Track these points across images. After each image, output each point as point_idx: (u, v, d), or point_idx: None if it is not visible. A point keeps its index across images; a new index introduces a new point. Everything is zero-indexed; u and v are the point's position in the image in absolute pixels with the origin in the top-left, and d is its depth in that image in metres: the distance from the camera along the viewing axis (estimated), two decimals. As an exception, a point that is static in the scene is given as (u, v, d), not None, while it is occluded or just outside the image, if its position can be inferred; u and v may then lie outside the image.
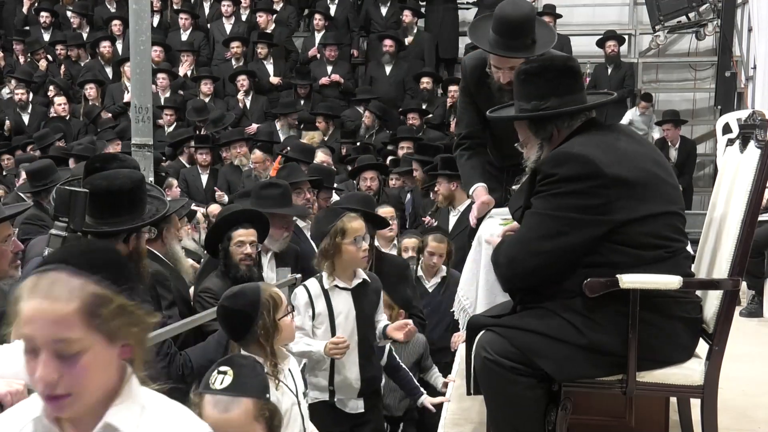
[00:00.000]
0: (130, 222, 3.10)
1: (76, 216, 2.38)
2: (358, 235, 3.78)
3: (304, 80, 10.80)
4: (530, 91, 2.81)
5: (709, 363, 2.74)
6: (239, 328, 3.06)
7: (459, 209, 5.83)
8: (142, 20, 6.11)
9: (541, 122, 2.81)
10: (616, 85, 10.49)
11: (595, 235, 2.62)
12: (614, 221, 2.61)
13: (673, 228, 2.73)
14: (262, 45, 11.07)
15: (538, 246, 2.65)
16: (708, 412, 2.74)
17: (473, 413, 3.51)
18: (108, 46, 11.55)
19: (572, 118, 2.79)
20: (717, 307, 2.76)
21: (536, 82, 2.80)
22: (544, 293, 2.72)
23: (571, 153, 2.67)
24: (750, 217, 2.71)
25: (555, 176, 2.63)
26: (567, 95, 2.77)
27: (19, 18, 12.94)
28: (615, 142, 2.74)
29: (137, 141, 6.12)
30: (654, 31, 10.72)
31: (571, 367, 2.66)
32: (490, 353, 2.69)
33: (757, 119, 2.79)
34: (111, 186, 3.07)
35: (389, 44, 10.82)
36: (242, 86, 10.66)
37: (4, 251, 2.69)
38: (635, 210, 2.62)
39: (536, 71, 2.82)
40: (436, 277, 5.30)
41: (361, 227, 3.80)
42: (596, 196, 2.60)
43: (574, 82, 2.81)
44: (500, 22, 3.51)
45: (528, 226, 2.72)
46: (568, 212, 2.61)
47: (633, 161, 2.69)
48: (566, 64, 2.86)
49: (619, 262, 2.62)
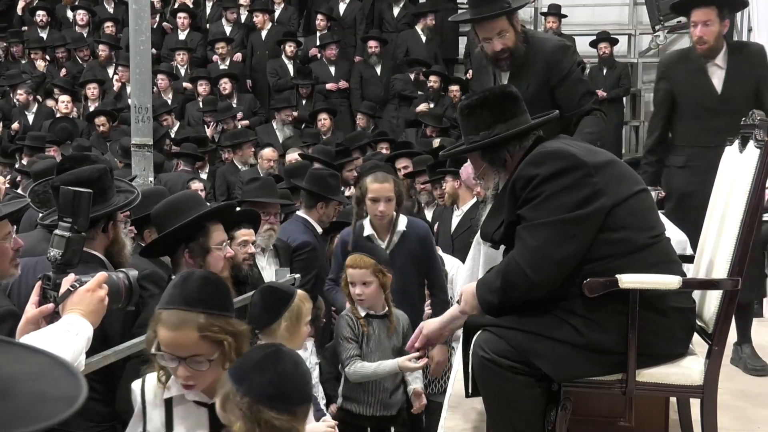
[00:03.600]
0: (102, 210, 3.10)
1: (80, 216, 2.39)
2: None
3: (305, 80, 10.80)
4: (476, 124, 2.87)
5: (709, 363, 2.74)
6: (270, 312, 3.12)
7: (463, 209, 5.81)
8: (142, 20, 6.11)
9: (494, 150, 2.85)
10: (612, 85, 10.52)
11: (598, 225, 2.64)
12: (606, 207, 2.64)
13: (651, 209, 2.80)
14: (290, 43, 11.09)
15: (554, 256, 2.62)
16: (708, 412, 2.74)
17: (473, 413, 3.51)
18: (105, 50, 11.56)
19: (521, 139, 2.84)
20: (717, 307, 2.77)
21: (480, 114, 2.86)
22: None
23: (546, 151, 2.70)
24: (749, 217, 2.72)
25: (537, 177, 2.64)
26: (512, 119, 2.83)
27: (15, 18, 12.95)
28: (571, 141, 2.85)
29: (137, 141, 6.12)
30: (654, 31, 10.72)
31: (569, 366, 2.66)
32: (488, 352, 2.69)
33: (756, 119, 2.79)
34: (78, 178, 3.06)
35: (373, 45, 10.83)
36: (225, 89, 10.65)
37: (5, 249, 2.69)
38: (618, 192, 2.67)
39: (478, 103, 2.88)
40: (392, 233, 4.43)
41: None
42: (585, 186, 2.62)
43: (516, 106, 2.86)
44: None
45: (536, 239, 2.64)
46: (567, 212, 2.61)
47: (595, 150, 2.81)
48: (504, 91, 2.92)
49: (610, 254, 2.64)
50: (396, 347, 4.08)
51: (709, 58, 4.48)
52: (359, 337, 4.05)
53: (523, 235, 2.68)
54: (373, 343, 4.06)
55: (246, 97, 10.94)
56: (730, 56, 4.48)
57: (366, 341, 4.05)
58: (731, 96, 4.42)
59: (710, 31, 4.40)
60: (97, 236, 3.10)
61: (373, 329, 4.07)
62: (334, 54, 11.02)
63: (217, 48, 11.27)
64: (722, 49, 4.48)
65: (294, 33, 11.46)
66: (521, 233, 2.69)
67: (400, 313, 4.17)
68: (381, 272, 4.03)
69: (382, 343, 4.07)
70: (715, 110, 4.44)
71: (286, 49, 11.10)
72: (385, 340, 4.08)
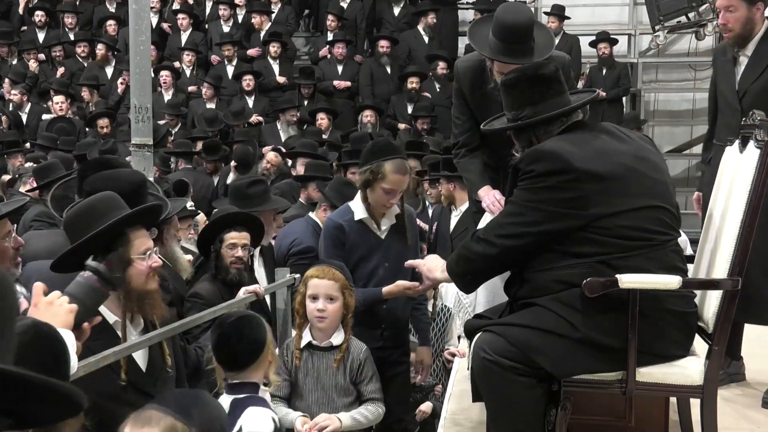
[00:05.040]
0: None
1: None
2: None
3: (308, 80, 10.80)
4: (509, 103, 2.95)
5: (708, 363, 2.74)
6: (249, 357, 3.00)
7: (461, 209, 5.81)
8: (142, 20, 6.10)
9: (521, 131, 2.93)
10: (611, 84, 10.53)
11: (567, 226, 2.69)
12: (590, 215, 2.68)
13: (658, 221, 2.75)
14: (275, 44, 11.09)
15: (509, 228, 2.78)
16: (708, 412, 2.74)
17: (473, 413, 3.51)
18: (103, 49, 11.55)
19: (549, 124, 2.87)
20: (717, 307, 2.77)
21: (512, 94, 2.93)
22: (536, 288, 2.75)
23: (543, 150, 2.78)
24: (749, 217, 2.72)
25: (532, 172, 2.74)
26: (541, 103, 2.86)
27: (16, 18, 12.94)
28: (591, 139, 2.82)
29: (137, 141, 6.11)
30: (654, 31, 10.72)
31: (568, 362, 2.68)
32: (489, 353, 2.70)
33: (756, 119, 2.79)
34: (114, 189, 3.03)
35: (385, 45, 10.83)
36: (248, 86, 10.67)
37: (5, 248, 2.69)
38: (611, 204, 2.69)
39: (512, 83, 2.94)
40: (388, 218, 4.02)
41: None
42: (570, 189, 2.69)
43: (547, 88, 2.88)
44: (501, 27, 3.57)
45: (505, 213, 2.88)
46: (543, 204, 2.71)
47: (609, 157, 2.75)
48: (537, 73, 2.93)
49: (602, 253, 2.68)
50: (341, 385, 3.54)
51: (740, 48, 4.03)
52: (291, 372, 3.56)
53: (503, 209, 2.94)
54: (311, 379, 3.55)
55: (263, 100, 10.90)
56: (758, 46, 3.99)
57: (305, 375, 3.55)
58: (745, 91, 4.03)
59: (734, 17, 3.94)
60: None
61: (312, 362, 3.55)
62: (342, 53, 10.99)
63: (225, 50, 11.22)
64: (756, 38, 3.99)
65: (280, 34, 11.40)
66: (504, 206, 2.93)
67: (358, 345, 3.63)
68: (348, 290, 3.58)
69: (321, 380, 3.54)
70: (733, 106, 4.07)
71: (270, 50, 11.10)
72: (326, 375, 3.54)
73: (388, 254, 3.97)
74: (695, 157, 11.43)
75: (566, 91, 2.92)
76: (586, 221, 2.68)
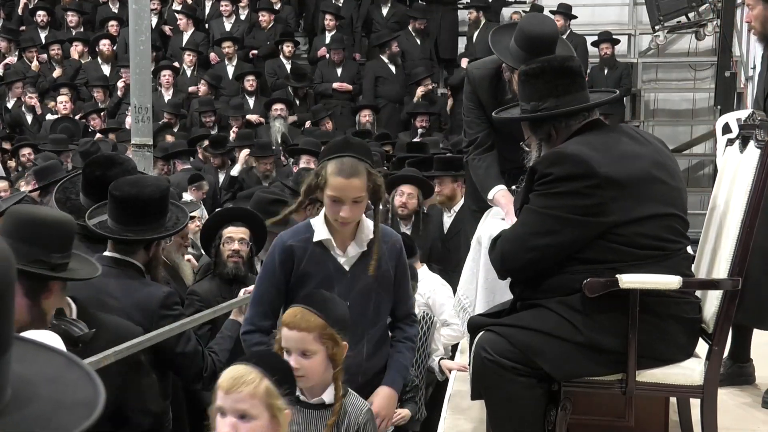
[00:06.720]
0: (153, 231, 3.22)
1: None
2: None
3: (300, 82, 10.78)
4: (530, 93, 2.85)
5: (708, 363, 2.74)
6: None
7: (454, 210, 5.79)
8: (142, 20, 6.12)
9: (539, 123, 2.85)
10: (613, 85, 10.49)
11: (586, 235, 2.66)
12: (607, 223, 2.64)
13: (670, 230, 2.73)
14: (288, 43, 11.09)
15: (529, 242, 2.71)
16: (708, 412, 2.74)
17: (473, 413, 3.51)
18: (108, 44, 11.54)
19: (570, 118, 2.81)
20: (717, 307, 2.77)
21: (535, 84, 2.84)
22: (543, 290, 2.74)
23: (565, 153, 2.71)
24: (749, 217, 2.72)
25: (551, 176, 2.68)
26: (565, 96, 2.79)
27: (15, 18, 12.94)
28: (613, 143, 2.75)
29: (137, 141, 6.13)
30: (654, 31, 10.71)
31: (569, 365, 2.67)
32: (490, 353, 2.70)
33: (756, 119, 2.79)
34: (141, 194, 3.17)
35: (394, 44, 10.80)
36: (251, 86, 10.66)
37: None
38: (629, 212, 2.65)
39: (535, 73, 2.85)
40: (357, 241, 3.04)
41: None
42: (590, 196, 2.64)
43: (572, 82, 2.82)
44: (526, 38, 3.57)
45: (522, 222, 2.79)
46: (562, 212, 2.66)
47: (630, 162, 2.70)
48: (564, 65, 2.87)
49: (615, 261, 2.65)
50: None
51: (765, 45, 3.95)
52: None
53: (519, 217, 2.83)
54: None
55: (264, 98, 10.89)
56: None
57: None
58: (763, 90, 3.86)
59: (753, 15, 3.88)
60: (139, 251, 3.23)
61: (301, 421, 2.69)
62: (341, 56, 10.97)
63: (224, 47, 11.21)
64: None
65: (292, 33, 11.44)
66: (520, 214, 2.83)
67: (358, 405, 2.78)
68: (331, 339, 2.67)
69: None
70: (762, 105, 3.87)
71: (284, 49, 11.09)
72: None
73: (351, 289, 2.99)
74: (695, 157, 11.46)
75: (587, 88, 2.89)
76: (601, 230, 2.65)
